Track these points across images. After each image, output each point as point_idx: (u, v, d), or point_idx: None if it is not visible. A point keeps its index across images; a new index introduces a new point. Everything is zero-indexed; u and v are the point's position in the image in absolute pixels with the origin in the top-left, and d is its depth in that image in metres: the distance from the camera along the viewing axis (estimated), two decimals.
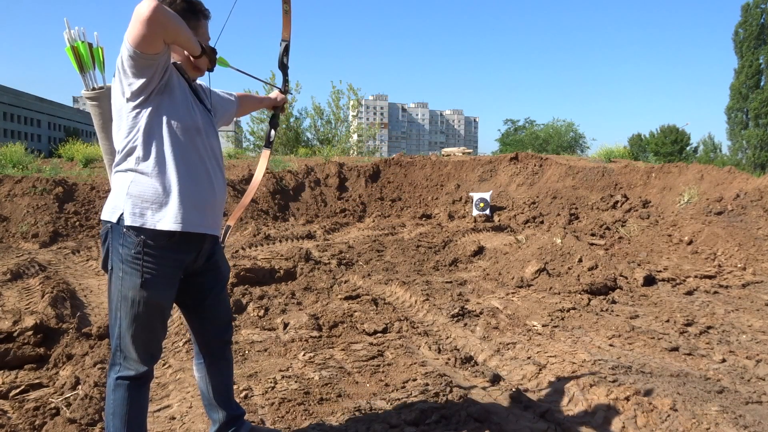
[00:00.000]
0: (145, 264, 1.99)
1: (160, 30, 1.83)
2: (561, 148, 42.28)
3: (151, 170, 2.00)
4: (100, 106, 2.14)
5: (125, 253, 1.99)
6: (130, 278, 2.00)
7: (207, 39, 2.21)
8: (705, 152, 45.78)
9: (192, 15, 2.13)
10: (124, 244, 1.99)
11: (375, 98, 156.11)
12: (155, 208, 2.00)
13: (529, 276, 5.79)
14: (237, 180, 12.01)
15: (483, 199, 11.55)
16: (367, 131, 29.05)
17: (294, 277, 5.99)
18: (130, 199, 1.99)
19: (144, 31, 1.80)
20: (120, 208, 2.00)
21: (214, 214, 2.16)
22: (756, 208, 7.42)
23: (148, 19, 1.78)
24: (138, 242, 1.98)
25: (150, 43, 1.84)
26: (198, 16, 2.16)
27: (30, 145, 22.11)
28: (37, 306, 4.79)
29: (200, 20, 2.17)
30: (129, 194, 1.99)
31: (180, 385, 3.27)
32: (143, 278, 1.99)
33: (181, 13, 2.03)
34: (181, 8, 2.09)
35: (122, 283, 2.01)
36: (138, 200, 1.99)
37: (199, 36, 2.14)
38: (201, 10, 2.18)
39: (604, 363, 3.49)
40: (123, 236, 1.99)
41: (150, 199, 1.99)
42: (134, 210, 1.98)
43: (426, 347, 3.90)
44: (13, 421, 2.72)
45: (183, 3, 2.09)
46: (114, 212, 2.01)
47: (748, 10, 41.84)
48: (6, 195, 9.62)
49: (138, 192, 1.99)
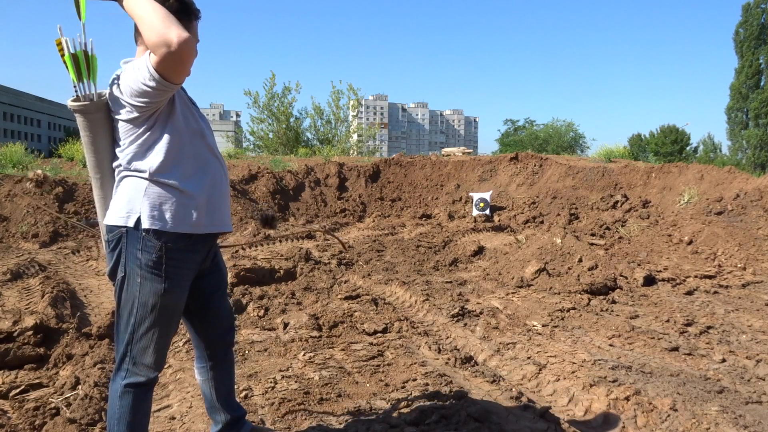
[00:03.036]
0: (167, 268, 1.97)
1: (192, 60, 1.85)
2: (561, 148, 42.28)
3: (164, 174, 1.98)
4: (91, 119, 2.01)
5: (145, 259, 1.96)
6: (151, 284, 1.97)
7: (197, 41, 2.17)
8: (705, 152, 45.76)
9: (185, 16, 2.08)
10: (144, 249, 1.95)
11: (375, 98, 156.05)
12: (173, 210, 1.98)
13: (529, 276, 5.79)
14: (237, 180, 12.00)
15: (483, 199, 11.55)
16: (367, 131, 29.07)
17: (294, 277, 5.99)
18: (148, 202, 1.96)
19: (180, 66, 1.81)
20: (136, 211, 1.96)
21: (224, 211, 2.16)
22: (756, 208, 7.42)
23: (185, 53, 1.79)
24: (159, 246, 1.96)
25: (183, 74, 1.86)
26: (190, 17, 2.12)
27: (30, 145, 22.11)
28: (37, 306, 4.79)
29: (192, 21, 2.13)
30: (146, 197, 1.96)
31: (180, 385, 3.27)
32: (165, 283, 1.97)
33: (174, 14, 2.00)
34: (175, 9, 2.05)
35: (141, 290, 1.97)
36: (156, 203, 1.97)
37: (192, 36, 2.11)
38: (194, 11, 2.14)
39: (604, 363, 3.49)
40: (142, 241, 1.95)
41: (168, 201, 1.98)
42: (153, 213, 1.95)
43: (426, 347, 3.90)
44: (13, 421, 2.72)
45: (176, 3, 2.05)
46: (129, 216, 1.97)
47: (748, 10, 41.84)
48: (6, 195, 9.62)
49: (155, 195, 1.97)
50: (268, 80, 24.95)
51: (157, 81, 1.84)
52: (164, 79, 1.84)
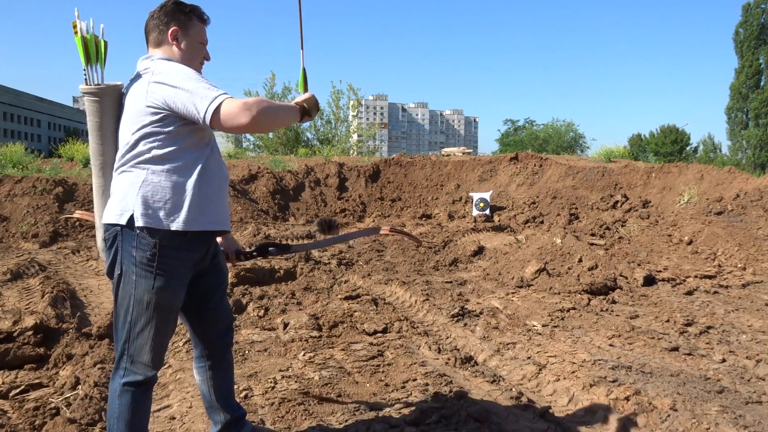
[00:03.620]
0: (160, 266, 1.98)
1: (263, 127, 1.97)
2: (561, 148, 42.30)
3: (163, 170, 1.99)
4: (100, 102, 2.05)
5: (139, 256, 1.96)
6: (145, 281, 1.97)
7: (204, 42, 2.22)
8: (705, 152, 45.79)
9: (182, 15, 2.14)
10: (138, 246, 1.96)
11: (375, 98, 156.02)
12: (168, 208, 1.98)
13: (529, 276, 5.79)
14: (237, 180, 12.00)
15: (483, 199, 11.55)
16: (367, 131, 29.08)
17: (294, 277, 5.99)
18: (141, 200, 1.96)
19: (238, 130, 1.91)
20: (130, 209, 1.96)
21: (221, 210, 2.15)
22: (756, 208, 7.42)
23: (250, 127, 1.89)
24: (153, 244, 1.96)
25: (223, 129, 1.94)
26: (189, 16, 2.16)
27: (30, 145, 22.13)
28: (37, 306, 4.79)
29: (192, 20, 2.16)
30: (140, 195, 1.96)
31: (180, 385, 3.27)
32: (159, 280, 1.98)
33: (170, 14, 2.09)
34: (171, 9, 2.13)
35: (136, 287, 1.98)
36: (150, 201, 1.96)
37: (193, 36, 2.16)
38: (197, 14, 2.18)
39: (604, 363, 3.49)
40: (136, 239, 1.96)
41: (162, 199, 1.97)
42: (146, 210, 1.95)
43: (426, 347, 3.90)
44: (13, 421, 2.72)
45: (172, 4, 2.13)
46: (123, 215, 1.97)
47: (748, 10, 41.84)
48: (6, 195, 9.62)
49: (150, 192, 1.97)
50: (268, 80, 25.02)
51: (205, 125, 1.92)
52: (215, 128, 1.94)
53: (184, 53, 2.13)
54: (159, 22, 2.13)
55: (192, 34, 2.16)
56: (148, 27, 2.17)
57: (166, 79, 1.95)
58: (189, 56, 2.15)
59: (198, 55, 2.19)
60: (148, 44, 2.17)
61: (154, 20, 2.14)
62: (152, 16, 2.16)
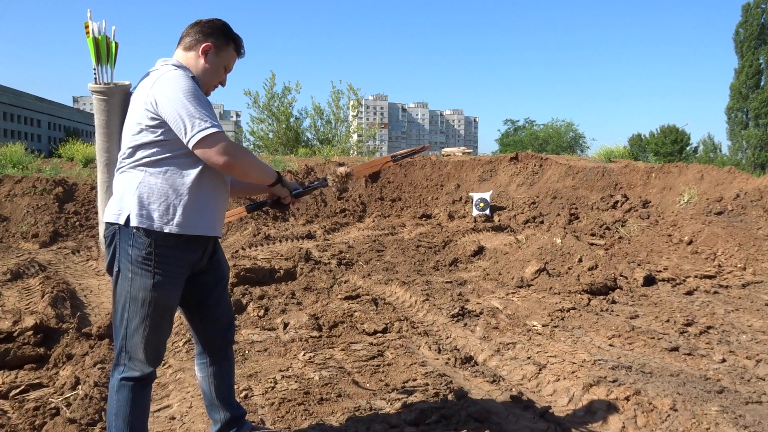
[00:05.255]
0: (155, 264, 2.01)
1: (236, 173, 2.09)
2: (561, 148, 42.32)
3: (160, 172, 2.03)
4: (108, 102, 2.12)
5: (135, 255, 2.01)
6: (140, 279, 2.01)
7: (228, 69, 2.27)
8: (705, 152, 45.76)
9: (223, 36, 2.20)
10: (134, 245, 2.01)
11: (375, 98, 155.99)
12: (162, 210, 2.02)
13: (529, 276, 5.79)
14: None
15: (483, 199, 11.55)
16: (367, 131, 29.06)
17: (294, 277, 5.99)
18: (137, 201, 2.01)
19: (213, 166, 2.02)
20: (127, 209, 2.01)
21: (216, 216, 2.17)
22: (756, 208, 7.42)
23: (223, 169, 2.03)
24: (148, 243, 2.00)
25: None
26: (228, 41, 2.22)
27: (30, 145, 22.12)
28: (37, 306, 4.79)
29: (229, 45, 2.22)
30: (136, 195, 2.01)
31: (180, 385, 3.27)
32: (154, 279, 2.01)
33: (214, 30, 2.16)
34: (217, 26, 2.20)
35: (132, 284, 2.02)
36: (145, 202, 2.01)
37: (222, 59, 2.21)
38: (237, 43, 2.25)
39: (604, 363, 3.49)
40: (132, 237, 2.01)
41: (157, 201, 2.01)
42: (141, 211, 2.00)
43: (426, 347, 3.90)
44: (13, 421, 2.72)
45: (222, 24, 2.21)
46: (120, 215, 2.02)
47: (748, 10, 41.85)
48: (6, 195, 9.63)
49: (146, 194, 2.01)
50: (268, 80, 24.93)
51: (190, 148, 1.98)
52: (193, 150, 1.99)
53: (205, 69, 2.18)
54: (200, 30, 2.18)
55: (221, 57, 2.21)
56: (187, 30, 2.21)
57: (167, 89, 1.98)
58: (209, 75, 2.20)
59: (217, 77, 2.24)
60: (179, 44, 2.21)
61: (197, 27, 2.19)
62: (197, 23, 2.21)
